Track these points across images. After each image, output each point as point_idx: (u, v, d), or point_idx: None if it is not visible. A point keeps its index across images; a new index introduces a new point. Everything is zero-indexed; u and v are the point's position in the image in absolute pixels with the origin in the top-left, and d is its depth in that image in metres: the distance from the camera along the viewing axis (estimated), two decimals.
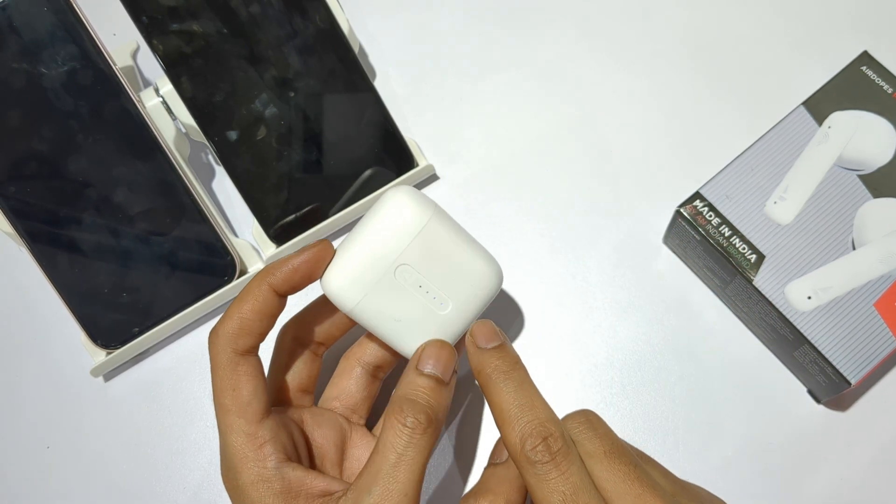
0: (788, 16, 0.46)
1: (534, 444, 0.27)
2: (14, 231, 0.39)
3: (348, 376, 0.35)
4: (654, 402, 0.39)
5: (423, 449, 0.29)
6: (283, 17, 0.41)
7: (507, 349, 0.31)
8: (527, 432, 0.28)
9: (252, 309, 0.31)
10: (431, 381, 0.31)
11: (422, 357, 0.31)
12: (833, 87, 0.40)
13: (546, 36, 0.46)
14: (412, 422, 0.29)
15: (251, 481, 0.30)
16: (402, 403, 0.30)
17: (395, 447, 0.29)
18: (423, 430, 0.29)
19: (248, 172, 0.41)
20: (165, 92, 0.40)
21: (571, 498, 0.26)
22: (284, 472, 0.30)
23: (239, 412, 0.30)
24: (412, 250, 0.32)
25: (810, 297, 0.36)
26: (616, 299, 0.41)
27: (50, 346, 0.43)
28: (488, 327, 0.31)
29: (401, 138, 0.42)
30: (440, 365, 0.31)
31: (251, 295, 0.31)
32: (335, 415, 0.35)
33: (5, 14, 0.37)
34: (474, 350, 0.31)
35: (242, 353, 0.31)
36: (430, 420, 0.29)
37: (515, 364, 0.30)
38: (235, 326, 0.31)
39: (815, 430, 0.38)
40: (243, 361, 0.31)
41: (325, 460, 0.33)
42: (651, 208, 0.42)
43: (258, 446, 0.30)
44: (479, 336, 0.31)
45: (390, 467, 0.28)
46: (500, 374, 0.30)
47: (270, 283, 0.31)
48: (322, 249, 0.32)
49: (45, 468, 0.40)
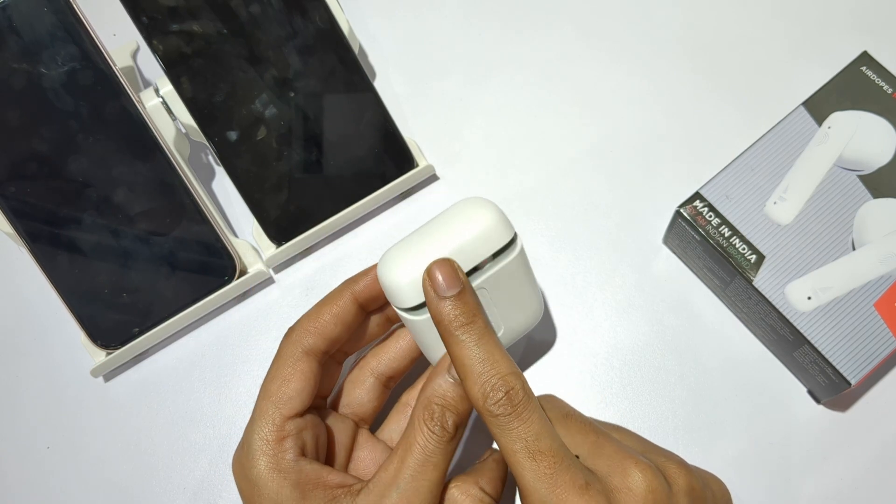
0: (788, 16, 0.46)
1: (496, 398, 0.28)
2: (14, 231, 0.39)
3: (361, 386, 0.36)
4: (654, 403, 0.39)
5: (449, 453, 0.30)
6: (283, 18, 0.41)
7: (466, 298, 0.30)
8: (489, 386, 0.28)
9: (330, 312, 0.33)
10: (461, 387, 0.31)
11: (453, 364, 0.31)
12: (833, 87, 0.40)
13: (546, 36, 0.46)
14: (440, 428, 0.30)
15: (267, 471, 0.30)
16: (432, 407, 0.30)
17: (424, 448, 0.29)
18: (450, 437, 0.30)
19: (248, 172, 0.41)
20: (165, 92, 0.40)
21: (534, 443, 0.28)
22: (301, 465, 0.31)
23: (278, 402, 0.31)
24: (494, 276, 0.32)
25: (810, 298, 0.36)
26: (616, 299, 0.41)
27: (50, 347, 0.43)
28: (449, 268, 0.30)
29: (401, 138, 0.42)
30: None
31: (332, 299, 0.33)
32: (347, 419, 0.35)
33: (5, 14, 0.37)
34: (433, 296, 0.30)
35: (309, 351, 0.32)
36: (456, 426, 0.30)
37: (475, 315, 0.30)
38: (311, 326, 0.32)
39: (815, 431, 0.38)
40: (305, 359, 0.32)
41: (333, 463, 0.34)
42: (651, 208, 0.42)
43: (280, 438, 0.31)
44: (438, 280, 0.30)
45: (419, 466, 0.29)
46: (461, 327, 0.29)
47: (353, 291, 0.33)
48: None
49: (45, 468, 0.40)
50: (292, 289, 0.43)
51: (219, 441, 0.40)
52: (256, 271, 0.41)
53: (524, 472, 0.27)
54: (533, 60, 0.46)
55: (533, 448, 0.28)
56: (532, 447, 0.28)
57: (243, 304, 0.43)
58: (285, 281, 0.43)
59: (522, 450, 0.28)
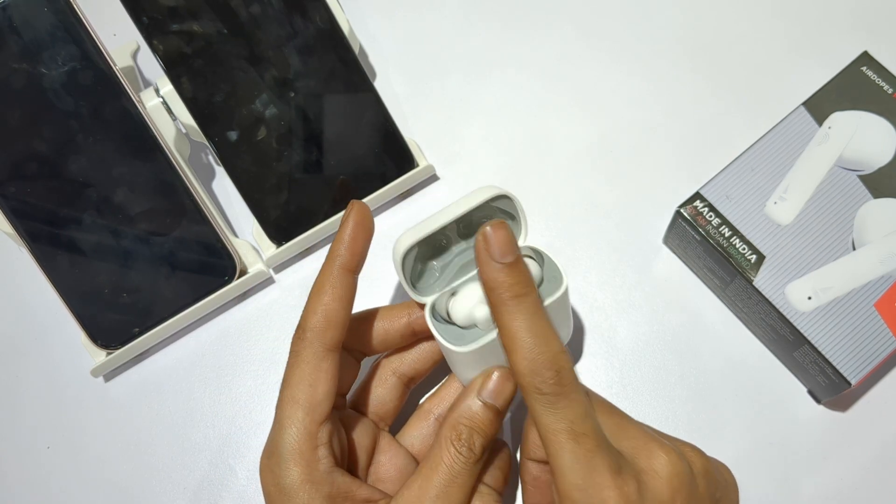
0: (789, 16, 0.46)
1: (546, 376, 0.27)
2: (14, 231, 0.39)
3: (383, 385, 0.35)
4: (654, 403, 0.39)
5: (475, 475, 0.30)
6: (284, 18, 0.41)
7: (521, 269, 0.29)
8: (539, 363, 0.27)
9: (333, 297, 0.31)
10: (491, 411, 0.31)
11: (485, 385, 0.31)
12: (833, 87, 0.40)
13: (546, 36, 0.46)
14: (468, 450, 0.30)
15: (301, 481, 0.30)
16: (460, 428, 0.30)
17: (451, 469, 0.29)
18: (476, 459, 0.30)
19: (249, 173, 0.41)
20: (166, 92, 0.40)
21: (580, 425, 0.27)
22: (334, 478, 0.30)
23: (309, 409, 0.30)
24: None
25: (810, 298, 0.36)
26: (616, 299, 0.41)
27: (50, 347, 0.43)
28: (505, 235, 0.28)
29: (401, 138, 0.42)
30: (501, 398, 0.31)
31: (328, 283, 0.31)
32: (368, 421, 0.35)
33: (5, 14, 0.37)
34: (487, 261, 0.28)
35: (330, 348, 0.31)
36: (483, 449, 0.30)
37: (529, 286, 0.28)
38: (322, 320, 0.31)
39: (815, 431, 0.38)
40: (329, 358, 0.31)
41: (355, 465, 0.33)
42: (651, 208, 0.42)
43: (314, 447, 0.30)
44: (495, 245, 0.28)
45: (445, 486, 0.29)
46: (515, 299, 0.28)
47: (340, 264, 0.31)
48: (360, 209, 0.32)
49: (46, 468, 0.40)
50: (292, 289, 0.43)
51: (219, 441, 0.40)
52: (256, 271, 0.41)
53: (563, 453, 0.27)
54: (533, 60, 0.46)
55: (578, 430, 0.27)
56: (577, 428, 0.27)
57: (243, 304, 0.43)
58: (285, 281, 0.43)
59: (566, 430, 0.27)
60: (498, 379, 0.31)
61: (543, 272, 0.33)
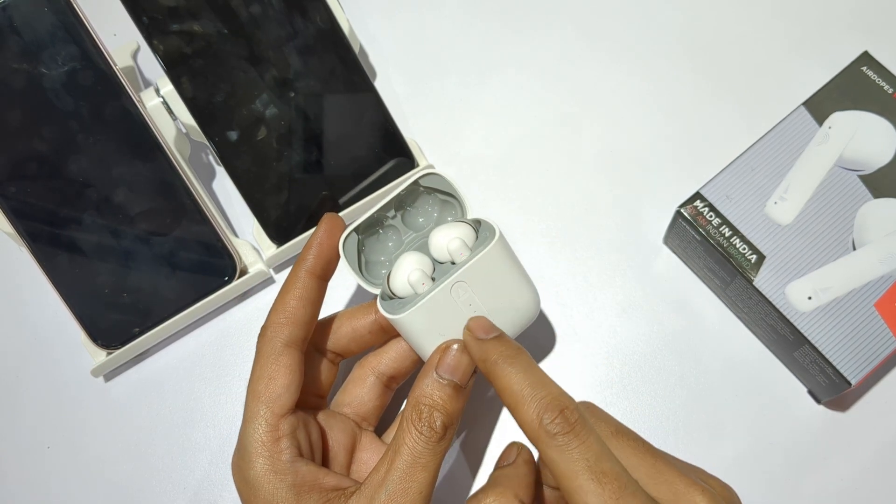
0: (789, 16, 0.46)
1: (551, 418, 0.27)
2: (14, 231, 0.39)
3: (361, 384, 0.35)
4: (655, 403, 0.39)
5: (439, 454, 0.30)
6: (284, 18, 0.41)
7: (508, 338, 0.31)
8: (542, 407, 0.27)
9: (294, 296, 0.32)
10: (449, 387, 0.30)
11: (441, 362, 0.31)
12: (833, 87, 0.40)
13: (546, 36, 0.46)
14: (428, 429, 0.29)
15: (264, 472, 0.30)
16: (420, 408, 0.30)
17: (413, 450, 0.29)
18: (438, 437, 0.30)
19: (249, 172, 0.41)
20: (166, 92, 0.40)
21: (597, 465, 0.26)
22: (297, 467, 0.30)
23: (268, 402, 0.31)
24: (474, 269, 0.32)
25: (811, 298, 0.36)
26: (616, 299, 0.41)
27: (50, 347, 0.43)
28: (484, 321, 0.31)
29: (401, 138, 0.42)
30: (459, 372, 0.31)
31: (291, 284, 0.33)
32: (347, 419, 0.35)
33: (5, 14, 0.37)
34: (474, 342, 0.31)
35: (288, 343, 0.32)
36: (445, 427, 0.30)
37: (519, 350, 0.30)
38: (282, 317, 0.32)
39: (815, 431, 0.38)
40: (287, 353, 0.32)
41: (333, 462, 0.34)
42: (651, 208, 0.42)
43: (276, 439, 0.31)
44: (477, 329, 0.31)
45: (407, 467, 0.29)
46: (506, 359, 0.29)
47: (306, 268, 0.33)
48: (330, 219, 0.33)
49: (46, 468, 0.40)
50: None
51: (219, 440, 0.40)
52: (257, 271, 0.41)
53: (587, 497, 0.26)
54: (533, 60, 0.46)
55: (596, 469, 0.26)
56: (595, 468, 0.26)
57: (244, 303, 0.43)
58: None
59: (585, 471, 0.26)
60: (453, 353, 0.31)
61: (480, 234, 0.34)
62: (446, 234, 0.34)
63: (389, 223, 0.36)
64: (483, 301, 0.32)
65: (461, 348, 0.31)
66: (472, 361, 0.31)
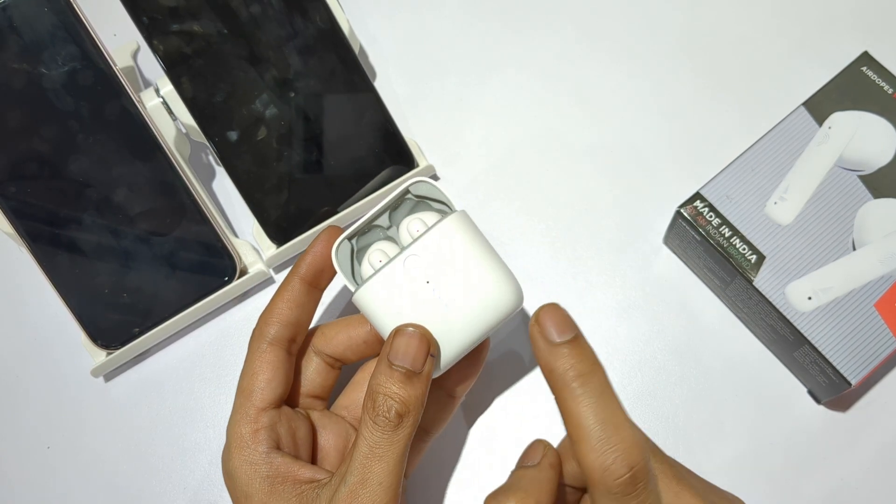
0: (789, 16, 0.46)
1: (619, 475, 0.25)
2: (14, 231, 0.39)
3: (360, 389, 0.36)
4: (655, 403, 0.39)
5: (398, 443, 0.29)
6: (284, 18, 0.41)
7: (583, 345, 0.27)
8: (611, 459, 0.25)
9: (283, 299, 0.33)
10: (402, 374, 0.29)
11: (392, 348, 0.29)
12: (833, 87, 0.40)
13: (546, 36, 0.46)
14: (382, 419, 0.29)
15: (240, 463, 0.31)
16: (374, 398, 0.29)
17: (369, 441, 0.29)
18: (393, 426, 0.29)
19: (249, 173, 0.41)
20: (166, 92, 0.40)
21: None
22: (272, 458, 0.31)
23: (248, 394, 0.32)
24: (426, 242, 0.31)
25: (811, 298, 0.36)
26: (616, 300, 0.41)
27: (50, 347, 0.43)
28: (559, 314, 0.27)
29: (401, 138, 0.42)
30: (409, 357, 0.29)
31: (283, 287, 0.34)
32: (343, 421, 0.35)
33: (6, 14, 0.37)
34: (544, 344, 0.27)
35: (273, 342, 0.33)
36: (400, 416, 0.29)
37: (594, 365, 0.26)
38: (268, 318, 0.33)
39: (815, 431, 0.38)
40: (271, 351, 0.33)
41: (324, 462, 0.34)
42: (651, 209, 0.42)
43: (254, 431, 0.31)
44: (549, 325, 0.27)
45: (364, 459, 0.29)
46: (578, 379, 0.26)
47: (298, 274, 0.34)
48: (330, 231, 0.34)
49: (46, 468, 0.40)
50: None
51: (219, 441, 0.40)
52: (257, 271, 0.41)
53: None
54: (533, 61, 0.46)
55: None
56: None
57: (244, 304, 0.43)
58: None
59: None
60: (404, 336, 0.30)
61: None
62: (410, 218, 0.34)
63: (384, 232, 0.35)
64: (446, 283, 0.31)
65: (409, 332, 0.30)
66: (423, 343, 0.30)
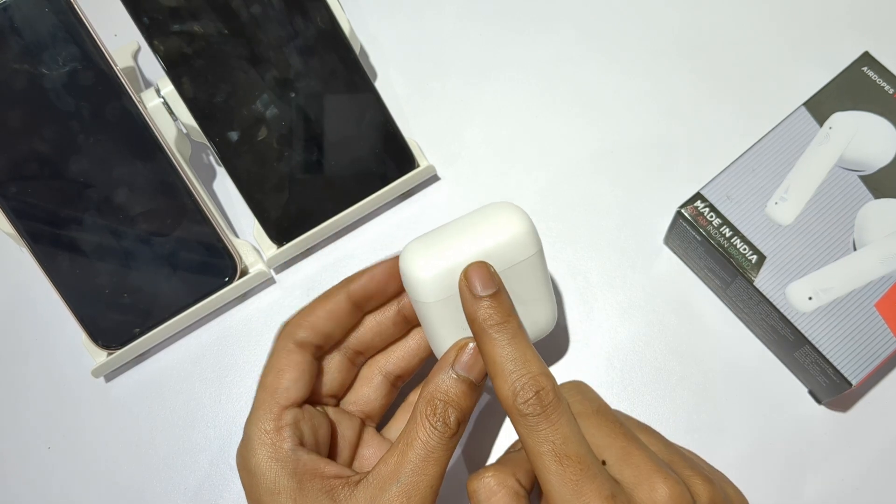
0: (789, 16, 0.46)
1: (525, 398, 0.28)
2: (15, 231, 0.39)
3: (368, 383, 0.36)
4: (655, 404, 0.39)
5: (450, 449, 0.30)
6: (284, 18, 0.41)
7: (502, 298, 0.31)
8: (518, 386, 0.28)
9: (323, 307, 0.33)
10: (465, 384, 0.31)
11: (458, 359, 0.31)
12: (834, 87, 0.40)
13: (547, 37, 0.46)
14: (442, 424, 0.30)
15: (265, 460, 0.31)
16: (435, 403, 0.30)
17: (426, 444, 0.29)
18: (452, 433, 0.30)
19: (249, 173, 0.41)
20: (166, 93, 0.40)
21: (561, 448, 0.27)
22: (299, 456, 0.31)
23: (273, 392, 0.32)
24: (508, 275, 0.32)
25: (811, 298, 0.36)
26: (617, 300, 0.41)
27: (51, 347, 0.43)
28: (484, 271, 0.31)
29: (402, 139, 0.42)
30: (475, 370, 0.31)
31: (327, 296, 0.33)
32: (353, 417, 0.35)
33: (6, 14, 0.37)
34: (469, 296, 0.31)
35: (301, 344, 0.33)
36: (458, 423, 0.30)
37: (509, 315, 0.30)
38: (303, 320, 0.33)
39: (815, 431, 0.38)
40: (298, 352, 0.33)
41: (339, 457, 0.34)
42: (652, 209, 0.42)
43: (278, 428, 0.31)
44: (475, 280, 0.31)
45: (420, 461, 0.29)
46: (494, 326, 0.30)
47: (348, 289, 0.33)
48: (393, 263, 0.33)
49: (46, 469, 0.40)
50: (293, 289, 0.43)
51: (220, 441, 0.40)
52: (257, 272, 0.41)
53: (549, 476, 0.27)
54: (533, 61, 0.46)
55: (560, 452, 0.27)
56: (559, 451, 0.27)
57: (244, 304, 0.43)
58: (286, 281, 0.43)
59: (549, 453, 0.27)
60: (471, 351, 0.31)
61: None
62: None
63: None
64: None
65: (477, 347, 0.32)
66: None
